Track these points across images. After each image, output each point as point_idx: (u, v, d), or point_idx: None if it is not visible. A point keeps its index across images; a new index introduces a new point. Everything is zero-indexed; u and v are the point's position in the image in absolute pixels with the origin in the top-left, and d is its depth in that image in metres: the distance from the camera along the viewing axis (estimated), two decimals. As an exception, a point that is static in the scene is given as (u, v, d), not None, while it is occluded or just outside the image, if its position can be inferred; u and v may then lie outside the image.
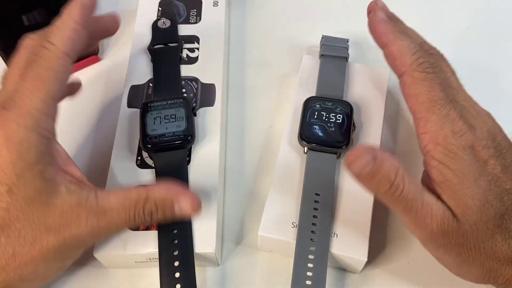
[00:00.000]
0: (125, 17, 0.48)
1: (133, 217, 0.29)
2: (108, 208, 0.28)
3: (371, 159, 0.26)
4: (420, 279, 0.34)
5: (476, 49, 0.46)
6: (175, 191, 0.30)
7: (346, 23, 0.47)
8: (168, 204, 0.29)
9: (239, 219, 0.37)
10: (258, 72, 0.45)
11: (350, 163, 0.26)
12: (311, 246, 0.32)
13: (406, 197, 0.27)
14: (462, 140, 0.28)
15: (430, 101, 0.28)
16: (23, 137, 0.26)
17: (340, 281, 0.34)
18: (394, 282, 0.34)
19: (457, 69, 0.31)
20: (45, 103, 0.27)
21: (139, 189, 0.29)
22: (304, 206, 0.33)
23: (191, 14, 0.44)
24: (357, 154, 0.26)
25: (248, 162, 0.40)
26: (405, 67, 0.30)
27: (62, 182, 0.28)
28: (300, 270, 0.31)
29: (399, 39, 0.30)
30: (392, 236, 0.36)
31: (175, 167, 0.35)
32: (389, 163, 0.27)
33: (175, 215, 0.30)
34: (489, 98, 0.31)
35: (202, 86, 0.40)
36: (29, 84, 0.27)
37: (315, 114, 0.36)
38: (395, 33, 0.31)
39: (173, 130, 0.35)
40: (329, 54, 0.41)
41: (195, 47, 0.42)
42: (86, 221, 0.27)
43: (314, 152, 0.35)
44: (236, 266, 0.35)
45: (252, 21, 0.48)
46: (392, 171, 0.27)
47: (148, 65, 0.41)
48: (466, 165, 0.27)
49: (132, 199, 0.29)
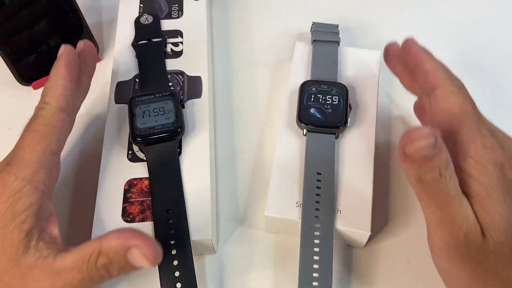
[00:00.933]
0: (109, 14, 0.49)
1: (87, 275, 0.26)
2: (62, 269, 0.26)
3: (433, 144, 0.25)
4: (420, 279, 0.34)
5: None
6: (126, 237, 0.26)
7: (334, 10, 0.49)
8: (121, 254, 0.26)
9: (238, 205, 0.38)
10: (250, 61, 0.46)
11: (407, 141, 0.25)
12: (316, 223, 0.33)
13: (449, 191, 0.26)
14: (493, 155, 0.27)
15: (462, 113, 0.29)
16: (18, 188, 0.27)
17: (346, 255, 0.35)
18: (397, 255, 0.35)
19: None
20: (43, 156, 0.29)
21: (94, 242, 0.27)
22: (307, 186, 0.34)
23: (173, 9, 0.45)
24: (419, 134, 0.25)
25: (241, 149, 0.41)
26: (438, 81, 0.30)
27: (34, 237, 0.27)
28: (307, 247, 0.32)
29: (431, 59, 0.31)
30: (394, 212, 0.37)
31: (167, 159, 0.35)
32: (445, 153, 0.26)
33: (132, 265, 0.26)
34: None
35: (188, 78, 0.40)
36: (28, 140, 0.29)
37: (311, 97, 0.37)
38: (427, 53, 0.32)
39: (163, 122, 0.35)
40: (321, 40, 0.42)
41: (179, 41, 0.43)
42: (41, 283, 0.26)
43: (313, 133, 0.36)
44: (241, 250, 0.36)
45: (237, 13, 0.49)
46: (445, 162, 0.26)
47: (133, 61, 0.41)
48: (495, 181, 0.27)
49: (85, 255, 0.26)
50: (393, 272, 0.34)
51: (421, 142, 0.25)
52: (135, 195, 0.34)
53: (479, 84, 0.41)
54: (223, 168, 0.40)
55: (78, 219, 0.37)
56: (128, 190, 0.35)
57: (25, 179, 0.28)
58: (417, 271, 0.34)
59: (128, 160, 0.36)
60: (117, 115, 0.38)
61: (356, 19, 0.48)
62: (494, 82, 0.44)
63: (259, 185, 0.39)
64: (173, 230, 0.32)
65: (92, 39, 0.45)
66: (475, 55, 0.46)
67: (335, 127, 0.36)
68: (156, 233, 0.33)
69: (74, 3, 0.42)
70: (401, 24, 0.48)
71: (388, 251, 0.35)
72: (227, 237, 0.36)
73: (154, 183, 0.34)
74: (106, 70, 0.45)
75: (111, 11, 0.50)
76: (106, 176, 0.35)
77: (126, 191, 0.35)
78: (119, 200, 0.34)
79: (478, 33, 0.47)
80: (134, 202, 0.34)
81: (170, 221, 0.33)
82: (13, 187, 0.27)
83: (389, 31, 0.47)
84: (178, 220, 0.33)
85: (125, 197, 0.34)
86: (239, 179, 0.39)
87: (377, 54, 0.41)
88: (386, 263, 0.35)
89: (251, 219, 0.37)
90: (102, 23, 0.49)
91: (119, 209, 0.34)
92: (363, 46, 0.46)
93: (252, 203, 0.38)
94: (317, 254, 0.32)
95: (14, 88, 0.44)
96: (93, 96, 0.43)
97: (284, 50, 0.46)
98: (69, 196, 0.38)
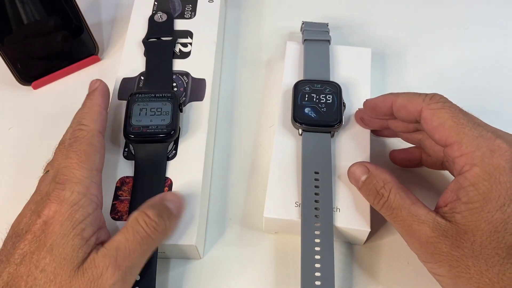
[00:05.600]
0: (123, 12, 0.49)
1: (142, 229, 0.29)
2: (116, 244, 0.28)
3: (365, 171, 0.32)
4: (420, 279, 0.34)
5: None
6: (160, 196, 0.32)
7: (323, 9, 0.49)
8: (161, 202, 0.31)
9: (237, 207, 0.38)
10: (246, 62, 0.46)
11: (349, 176, 0.33)
12: (316, 222, 0.33)
13: (391, 205, 0.30)
14: (501, 159, 0.27)
15: (457, 124, 0.28)
16: (76, 200, 0.29)
17: (347, 253, 0.35)
18: (397, 252, 0.35)
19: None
20: (92, 172, 0.30)
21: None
22: (305, 185, 0.34)
23: (186, 9, 0.44)
24: (353, 169, 0.33)
25: (238, 150, 0.41)
26: (419, 105, 0.30)
27: (92, 243, 0.28)
28: (308, 247, 0.32)
29: (400, 93, 0.32)
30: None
31: (155, 160, 0.35)
32: (379, 175, 0.31)
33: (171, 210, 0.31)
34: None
35: (192, 80, 0.40)
36: (75, 159, 0.30)
37: (305, 96, 0.37)
38: (393, 93, 0.33)
39: (157, 123, 0.35)
40: (312, 39, 0.42)
41: (188, 42, 0.42)
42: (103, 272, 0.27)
43: (308, 133, 0.36)
44: (240, 252, 0.36)
45: (247, 18, 0.49)
46: (380, 182, 0.31)
47: (141, 59, 0.41)
48: (497, 188, 0.26)
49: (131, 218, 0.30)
50: (394, 268, 0.34)
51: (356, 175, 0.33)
52: (126, 193, 0.34)
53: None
54: (220, 169, 0.40)
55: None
56: (119, 188, 0.35)
57: (81, 193, 0.29)
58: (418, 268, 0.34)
59: (123, 158, 0.36)
60: (118, 111, 0.38)
61: (346, 18, 0.48)
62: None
63: (257, 185, 0.38)
64: None
65: (92, 39, 0.45)
66: (464, 51, 0.46)
67: (331, 126, 0.36)
68: None
69: (74, 3, 0.42)
70: (390, 21, 0.48)
71: (388, 248, 0.35)
72: (225, 239, 0.36)
73: (137, 182, 0.34)
74: (107, 70, 0.45)
75: (111, 11, 0.49)
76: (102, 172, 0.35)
77: (118, 189, 0.34)
78: (109, 197, 0.34)
79: (467, 26, 0.47)
80: (124, 200, 0.34)
81: None
82: (71, 200, 0.28)
83: (379, 28, 0.48)
84: None
85: (116, 195, 0.34)
86: (237, 180, 0.39)
87: (368, 51, 0.42)
88: (387, 260, 0.35)
89: (251, 220, 0.37)
90: (102, 23, 0.49)
91: (108, 206, 0.34)
92: (354, 44, 0.46)
93: (251, 204, 0.38)
94: (318, 253, 0.32)
95: (14, 88, 0.44)
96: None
97: (275, 49, 0.46)
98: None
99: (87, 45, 0.45)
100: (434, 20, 0.48)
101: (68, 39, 0.44)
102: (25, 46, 0.42)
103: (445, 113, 0.29)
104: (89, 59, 0.45)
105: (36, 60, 0.43)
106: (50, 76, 0.44)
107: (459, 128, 0.28)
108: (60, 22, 0.43)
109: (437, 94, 0.30)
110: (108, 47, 0.47)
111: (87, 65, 0.46)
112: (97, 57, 0.46)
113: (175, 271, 0.35)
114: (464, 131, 0.28)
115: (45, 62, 0.44)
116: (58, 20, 0.42)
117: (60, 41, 0.43)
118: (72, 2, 0.42)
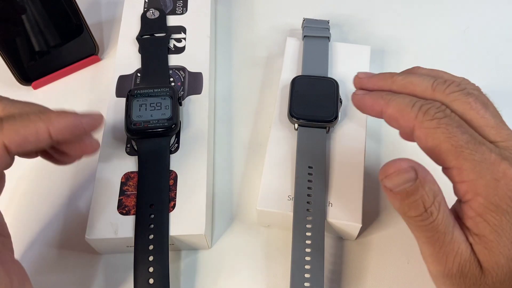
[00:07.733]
0: (109, 14, 0.49)
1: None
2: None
3: (412, 178, 0.24)
4: (421, 279, 0.34)
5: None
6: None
7: (325, 6, 0.49)
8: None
9: (231, 200, 0.38)
10: (245, 57, 0.46)
11: (385, 176, 0.24)
12: (308, 216, 0.33)
13: (436, 228, 0.24)
14: (507, 188, 0.24)
15: (455, 147, 0.24)
16: None
17: (338, 248, 0.35)
18: (388, 247, 0.35)
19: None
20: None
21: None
22: (298, 179, 0.34)
23: (177, 5, 0.45)
24: (397, 168, 0.24)
25: (237, 146, 0.41)
26: (411, 122, 0.26)
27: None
28: (299, 240, 0.32)
29: (391, 100, 0.27)
30: (385, 204, 0.37)
31: (157, 155, 0.35)
32: (429, 186, 0.24)
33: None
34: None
35: (189, 74, 0.41)
36: None
37: (302, 91, 0.38)
38: (383, 97, 0.28)
39: (158, 117, 0.36)
40: (312, 35, 0.42)
41: (182, 37, 0.43)
42: None
43: (304, 128, 0.37)
44: (234, 244, 0.36)
45: (238, 11, 0.50)
46: (430, 195, 0.24)
47: (136, 56, 0.42)
48: (508, 220, 0.24)
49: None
50: (384, 263, 0.35)
51: (399, 178, 0.24)
52: (132, 188, 0.35)
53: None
54: (217, 163, 0.40)
55: (76, 209, 0.37)
56: (124, 183, 0.35)
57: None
58: (412, 265, 0.35)
59: (126, 153, 0.36)
60: (117, 108, 0.39)
61: (347, 15, 0.48)
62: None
63: (252, 179, 0.39)
64: (153, 225, 0.33)
65: (92, 39, 0.45)
66: (464, 50, 0.46)
67: (326, 121, 0.36)
68: (136, 226, 0.33)
69: (74, 3, 0.43)
70: (390, 19, 0.48)
71: (379, 243, 0.36)
72: (221, 232, 0.37)
73: (142, 177, 0.35)
74: (107, 70, 0.45)
75: (111, 11, 0.50)
76: (104, 169, 0.36)
77: (123, 184, 0.35)
78: (115, 192, 0.35)
79: (464, 23, 0.48)
80: (130, 195, 0.34)
81: (151, 216, 0.33)
82: None
83: (378, 27, 0.48)
84: (160, 216, 0.33)
85: (122, 190, 0.35)
86: (233, 173, 0.39)
87: (367, 49, 0.42)
88: (378, 255, 0.35)
89: (245, 213, 0.37)
90: (102, 23, 0.49)
91: (115, 201, 0.34)
92: (354, 41, 0.46)
93: (245, 197, 0.38)
94: (309, 246, 0.32)
95: (14, 88, 0.44)
96: (94, 93, 0.44)
97: (276, 45, 0.46)
98: (67, 187, 0.39)
99: (87, 45, 0.45)
100: (433, 18, 0.48)
101: (68, 39, 0.44)
102: (25, 46, 0.42)
103: (440, 134, 0.24)
104: (89, 59, 0.46)
105: (36, 60, 0.44)
106: (50, 76, 0.45)
107: (458, 151, 0.24)
108: (60, 22, 0.43)
109: (432, 107, 0.25)
110: (108, 47, 0.47)
111: (87, 65, 0.46)
112: (97, 57, 0.46)
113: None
114: (463, 155, 0.24)
115: (45, 62, 0.44)
116: (58, 20, 0.43)
117: (60, 41, 0.44)
118: (72, 2, 0.42)
